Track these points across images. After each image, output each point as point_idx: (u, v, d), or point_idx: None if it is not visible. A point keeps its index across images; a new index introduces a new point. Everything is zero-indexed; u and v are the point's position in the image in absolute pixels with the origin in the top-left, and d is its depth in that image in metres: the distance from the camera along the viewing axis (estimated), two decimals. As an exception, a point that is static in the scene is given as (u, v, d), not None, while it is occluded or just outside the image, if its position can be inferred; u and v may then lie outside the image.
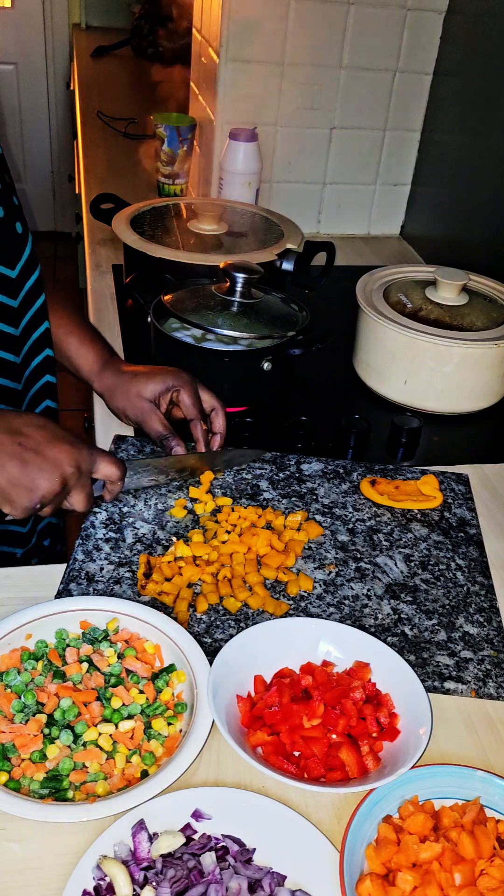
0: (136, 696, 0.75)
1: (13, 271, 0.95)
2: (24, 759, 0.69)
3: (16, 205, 0.97)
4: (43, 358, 1.04)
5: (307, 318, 1.20)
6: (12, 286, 0.96)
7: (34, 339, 1.02)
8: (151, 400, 1.01)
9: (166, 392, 1.02)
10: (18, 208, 0.98)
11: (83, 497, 0.86)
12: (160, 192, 1.89)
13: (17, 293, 0.96)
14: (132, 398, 1.02)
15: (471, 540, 0.99)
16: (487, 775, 0.70)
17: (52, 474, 0.81)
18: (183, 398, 1.01)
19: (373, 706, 0.74)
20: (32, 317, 1.00)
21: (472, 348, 1.17)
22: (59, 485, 0.81)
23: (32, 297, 1.00)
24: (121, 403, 1.03)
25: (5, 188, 0.94)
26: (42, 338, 1.03)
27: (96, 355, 1.07)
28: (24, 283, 0.98)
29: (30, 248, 0.99)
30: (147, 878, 0.62)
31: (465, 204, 1.61)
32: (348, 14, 1.60)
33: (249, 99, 1.65)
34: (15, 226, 0.96)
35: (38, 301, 1.01)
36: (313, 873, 0.63)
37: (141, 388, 1.01)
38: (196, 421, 1.02)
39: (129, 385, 1.02)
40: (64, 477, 0.82)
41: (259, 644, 0.79)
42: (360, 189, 1.83)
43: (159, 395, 1.02)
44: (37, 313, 1.01)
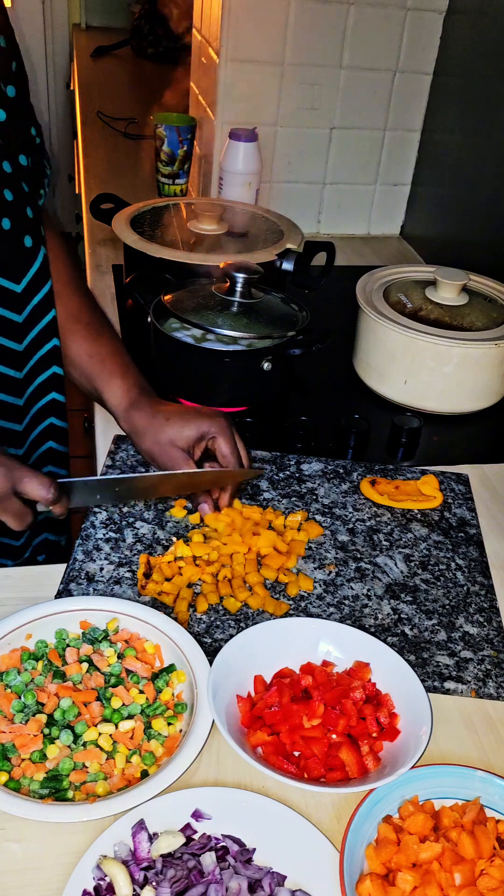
0: (136, 696, 0.75)
1: (18, 286, 0.93)
2: (24, 759, 0.69)
3: (29, 217, 0.93)
4: (50, 375, 1.01)
5: (307, 318, 1.20)
6: (17, 301, 0.93)
7: (40, 355, 0.99)
8: (185, 449, 0.94)
9: (201, 440, 0.95)
10: (32, 221, 0.93)
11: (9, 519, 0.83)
12: (160, 192, 1.89)
13: (22, 308, 0.94)
14: (164, 445, 0.94)
15: (471, 540, 0.99)
16: (487, 775, 0.70)
17: None
18: (220, 447, 0.94)
19: (373, 706, 0.74)
20: (39, 333, 0.97)
21: (472, 348, 1.17)
22: None
23: (40, 313, 0.97)
24: (150, 448, 0.96)
25: (17, 200, 0.90)
26: (50, 355, 0.99)
27: (125, 391, 0.98)
28: (30, 298, 0.95)
29: (39, 264, 0.95)
30: (147, 878, 0.62)
31: (465, 204, 1.61)
32: (348, 14, 1.60)
33: (249, 99, 1.65)
34: (23, 239, 0.92)
35: (47, 318, 0.98)
36: (313, 873, 0.63)
37: (174, 435, 0.94)
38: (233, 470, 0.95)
39: (160, 430, 0.95)
40: None
41: (259, 644, 0.79)
42: (360, 189, 1.83)
43: (193, 444, 0.95)
44: (44, 330, 0.98)
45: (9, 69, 0.90)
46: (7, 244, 0.90)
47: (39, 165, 0.98)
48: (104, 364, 1.01)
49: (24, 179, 0.92)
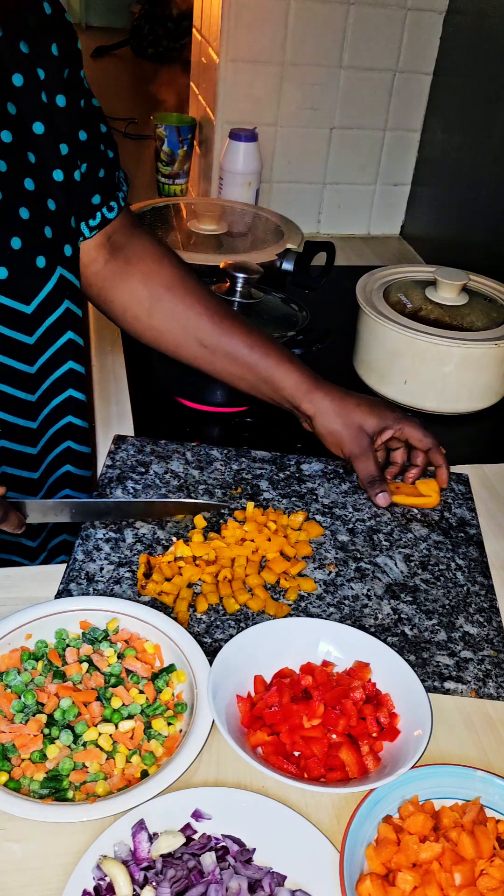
0: (136, 696, 0.75)
1: (28, 307, 0.90)
2: (24, 759, 0.69)
3: (47, 238, 0.90)
4: (66, 398, 0.99)
5: (307, 318, 1.20)
6: (26, 322, 0.90)
7: (54, 378, 0.97)
8: (371, 435, 1.00)
9: (387, 429, 1.00)
10: (49, 242, 0.90)
11: None
12: (160, 192, 1.89)
13: (32, 330, 0.91)
14: (353, 429, 0.99)
15: (471, 540, 0.99)
16: (487, 775, 0.70)
17: None
18: (412, 432, 1.00)
19: (373, 706, 0.74)
20: (52, 356, 0.95)
21: (472, 348, 1.17)
22: None
23: (53, 335, 0.94)
24: (338, 432, 1.00)
25: (33, 218, 0.87)
26: (65, 378, 0.98)
27: (301, 374, 1.02)
28: (42, 320, 0.92)
29: (53, 286, 0.92)
30: (147, 878, 0.62)
31: (465, 204, 1.61)
32: (348, 14, 1.60)
33: (249, 99, 1.65)
34: (36, 260, 0.89)
35: (61, 340, 0.96)
36: (313, 873, 0.63)
37: (364, 419, 0.99)
38: (434, 448, 1.01)
39: (351, 414, 1.00)
40: None
41: (259, 644, 0.79)
42: (360, 189, 1.83)
43: (380, 432, 1.00)
44: (58, 352, 0.96)
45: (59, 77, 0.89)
46: (17, 264, 0.87)
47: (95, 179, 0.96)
48: (269, 353, 1.02)
49: (51, 196, 0.89)
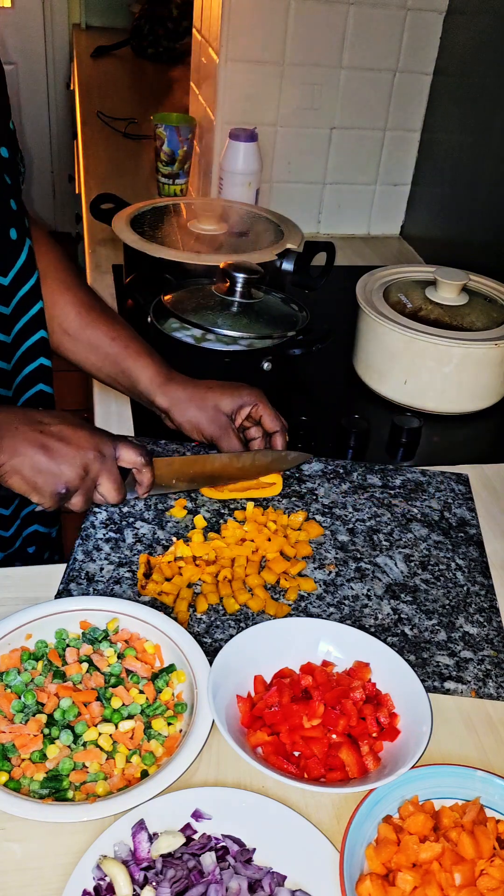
0: (136, 696, 0.75)
1: (5, 279, 0.93)
2: (24, 759, 0.69)
3: (13, 210, 0.94)
4: (37, 366, 1.02)
5: (307, 318, 1.20)
6: (4, 294, 0.94)
7: (26, 347, 1.00)
8: (229, 415, 1.00)
9: (244, 407, 1.01)
10: (16, 213, 0.95)
11: (110, 484, 0.86)
12: (160, 192, 1.89)
13: (9, 301, 0.95)
14: (209, 411, 1.00)
15: (471, 540, 0.99)
16: (487, 775, 0.70)
17: (75, 458, 0.82)
18: (264, 411, 1.01)
19: (373, 706, 0.74)
20: (25, 325, 0.98)
21: (472, 348, 1.17)
22: (83, 469, 0.83)
23: (26, 305, 0.98)
24: (195, 417, 1.00)
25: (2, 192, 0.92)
26: (36, 346, 1.01)
27: (157, 368, 1.03)
28: (16, 291, 0.96)
29: (25, 256, 0.96)
30: (147, 878, 0.62)
31: (465, 204, 1.61)
32: (348, 14, 1.60)
33: (249, 99, 1.65)
34: (8, 232, 0.93)
35: (33, 310, 0.99)
36: (313, 873, 0.63)
37: (219, 401, 1.00)
38: (280, 432, 1.02)
39: (205, 398, 1.00)
40: (86, 461, 0.83)
41: (259, 644, 0.79)
42: (360, 189, 1.83)
43: (237, 410, 1.01)
44: (31, 322, 0.99)
45: None
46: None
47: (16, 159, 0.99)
48: (128, 346, 1.04)
49: (5, 171, 0.93)
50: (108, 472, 0.86)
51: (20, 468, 0.81)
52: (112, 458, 0.87)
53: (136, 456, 0.89)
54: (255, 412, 1.01)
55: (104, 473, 0.86)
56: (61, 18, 3.77)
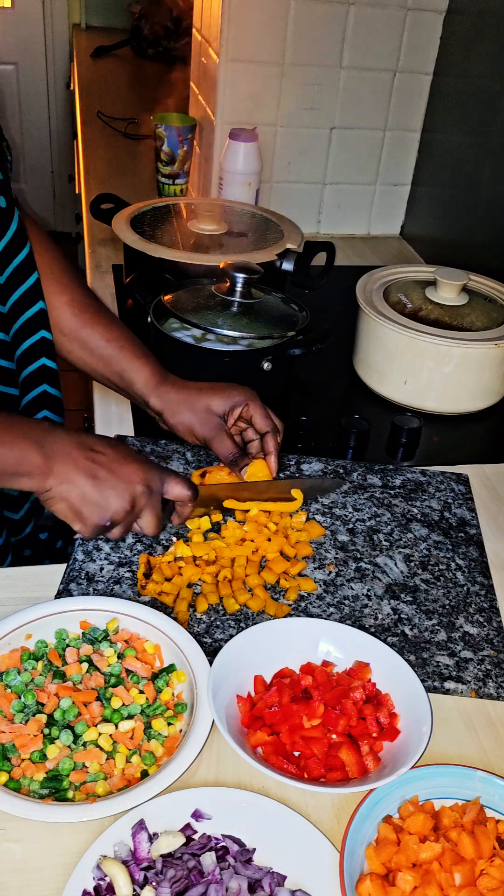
0: (136, 696, 0.75)
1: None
2: (24, 759, 0.69)
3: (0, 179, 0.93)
4: (38, 339, 1.01)
5: (307, 318, 1.20)
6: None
7: (25, 318, 0.99)
8: (221, 416, 0.99)
9: (235, 408, 1.00)
10: (3, 183, 0.94)
11: (152, 518, 0.86)
12: (160, 192, 1.89)
13: (1, 270, 0.94)
14: (200, 413, 0.99)
15: (471, 540, 0.99)
16: (487, 775, 0.70)
17: (124, 492, 0.82)
18: (255, 411, 1.00)
19: (373, 706, 0.74)
20: (22, 296, 0.97)
21: (472, 348, 1.17)
22: (130, 503, 0.82)
23: (22, 275, 0.97)
24: (187, 419, 1.00)
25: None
26: (36, 318, 1.00)
27: (152, 370, 1.02)
28: (10, 259, 0.94)
29: (16, 225, 0.95)
30: (147, 878, 0.62)
31: (465, 204, 1.61)
32: (348, 14, 1.60)
33: (249, 99, 1.65)
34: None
35: (30, 280, 0.98)
36: (313, 873, 0.63)
37: (210, 402, 0.99)
38: (271, 433, 1.00)
39: (197, 400, 0.99)
40: (134, 496, 0.82)
41: (259, 644, 0.79)
42: (360, 189, 1.83)
43: (229, 411, 1.00)
44: (27, 293, 0.98)
45: None
46: None
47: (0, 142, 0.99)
48: (124, 347, 1.03)
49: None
50: (152, 507, 0.85)
51: (68, 495, 0.80)
52: (159, 494, 0.86)
53: (184, 490, 0.88)
54: (245, 412, 1.00)
55: (148, 508, 0.85)
56: (61, 18, 3.77)
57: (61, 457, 0.80)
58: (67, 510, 0.81)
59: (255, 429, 1.01)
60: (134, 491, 0.83)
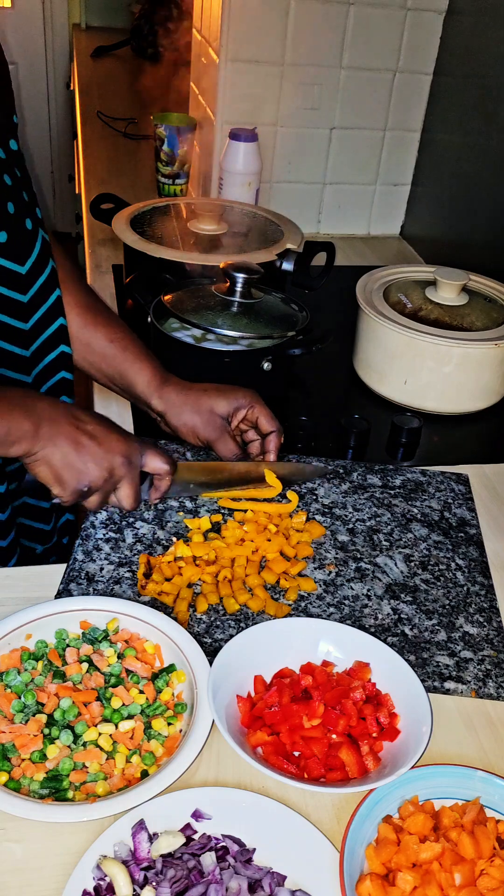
0: (136, 696, 0.75)
1: (23, 267, 0.94)
2: (24, 759, 0.69)
3: (25, 200, 0.95)
4: (58, 354, 1.02)
5: (307, 318, 1.20)
6: (22, 282, 0.95)
7: (47, 335, 1.00)
8: (224, 417, 1.00)
9: (239, 410, 1.00)
10: (30, 204, 0.96)
11: (130, 490, 0.88)
12: (160, 192, 1.89)
13: (27, 289, 0.96)
14: (204, 414, 1.00)
15: (471, 540, 0.99)
16: (487, 775, 0.70)
17: (103, 460, 0.84)
18: (260, 412, 1.01)
19: (373, 706, 0.74)
20: (45, 313, 0.99)
21: (472, 348, 1.17)
22: (108, 472, 0.84)
23: (44, 293, 0.98)
24: (191, 420, 1.00)
25: (16, 183, 0.93)
26: (56, 334, 1.01)
27: (154, 371, 1.03)
28: (34, 279, 0.96)
29: (40, 244, 0.97)
30: (147, 878, 0.62)
31: (465, 204, 1.61)
32: (348, 14, 1.60)
33: (249, 99, 1.65)
34: (25, 222, 0.94)
35: (52, 297, 0.99)
36: (313, 873, 0.63)
37: (214, 404, 1.00)
38: (276, 433, 1.01)
39: (200, 401, 1.00)
40: (113, 465, 0.85)
41: (259, 644, 0.79)
42: (360, 189, 1.83)
43: (233, 413, 1.00)
44: (50, 309, 0.99)
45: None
46: (12, 227, 0.92)
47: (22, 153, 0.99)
48: (127, 348, 1.04)
49: (15, 164, 0.94)
50: (130, 479, 0.87)
51: (50, 458, 0.83)
52: (137, 467, 0.88)
53: (162, 464, 0.91)
54: (251, 414, 1.01)
55: (126, 479, 0.87)
56: (61, 18, 3.77)
57: (48, 422, 0.83)
58: (49, 473, 0.83)
59: (259, 430, 1.02)
60: (113, 460, 0.85)
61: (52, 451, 0.82)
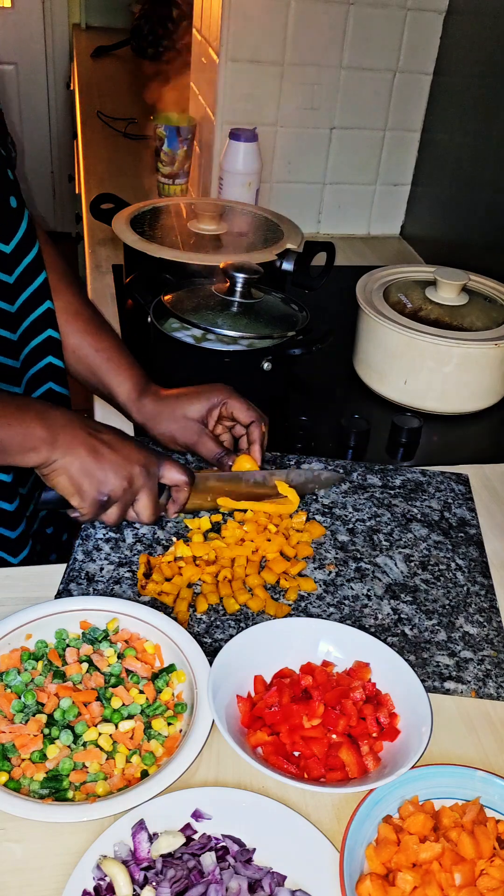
0: (136, 696, 0.75)
1: (7, 247, 0.93)
2: (24, 759, 0.69)
3: (11, 179, 0.94)
4: (45, 338, 1.02)
5: (307, 318, 1.20)
6: (7, 262, 0.94)
7: (34, 317, 0.99)
8: (200, 420, 1.00)
9: (213, 408, 1.00)
10: (13, 183, 0.95)
11: (149, 501, 0.86)
12: (160, 192, 1.89)
13: (12, 269, 0.95)
14: (180, 421, 1.00)
15: (471, 540, 0.99)
16: (487, 775, 0.70)
17: (122, 469, 0.83)
18: (234, 406, 1.00)
19: (373, 706, 0.74)
20: (32, 295, 0.98)
21: (472, 348, 1.17)
22: (128, 481, 0.84)
23: (31, 274, 0.97)
24: (167, 429, 1.00)
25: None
26: (43, 317, 1.01)
27: (134, 383, 1.03)
28: (20, 259, 0.95)
29: (26, 225, 0.96)
30: (147, 878, 0.62)
31: (465, 204, 1.61)
32: (348, 14, 1.60)
33: (249, 99, 1.65)
34: (9, 200, 0.93)
35: (38, 279, 0.99)
36: (313, 873, 0.63)
37: (187, 409, 1.00)
38: (256, 422, 1.00)
39: (174, 409, 1.00)
40: (132, 474, 0.84)
41: (259, 644, 0.79)
42: (360, 189, 1.83)
43: (207, 414, 1.00)
44: (36, 292, 0.99)
45: None
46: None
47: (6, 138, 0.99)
48: (111, 359, 1.04)
49: None
50: (148, 490, 0.86)
51: (69, 468, 0.82)
52: (156, 477, 0.87)
53: (180, 475, 0.89)
54: (224, 410, 1.00)
55: (145, 490, 0.86)
56: (61, 18, 3.77)
57: (64, 430, 0.82)
58: (68, 483, 0.82)
59: (240, 422, 1.01)
60: (132, 470, 0.84)
61: (70, 460, 0.81)
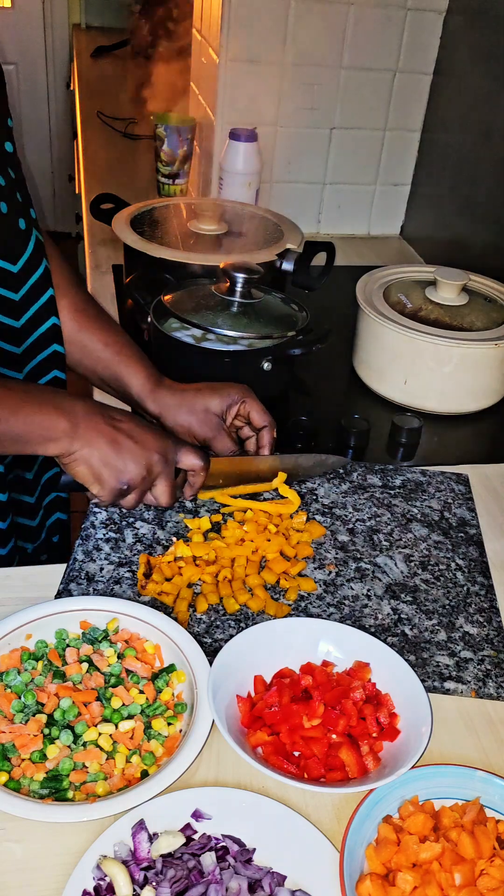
0: (136, 696, 0.75)
1: (15, 266, 0.95)
2: (24, 759, 0.69)
3: (20, 201, 0.96)
4: (51, 353, 1.03)
5: (307, 318, 1.20)
6: (14, 281, 0.96)
7: (39, 333, 1.01)
8: (219, 415, 1.01)
9: (233, 405, 1.01)
10: (24, 205, 0.97)
11: (166, 487, 0.89)
12: (160, 192, 1.89)
13: (19, 288, 0.96)
14: (200, 413, 1.01)
15: (471, 540, 0.99)
16: (487, 775, 0.70)
17: (141, 458, 0.86)
18: (252, 406, 1.01)
19: (373, 706, 0.74)
20: (37, 311, 1.00)
21: (472, 348, 1.17)
22: (146, 469, 0.86)
23: (37, 292, 0.99)
24: (186, 420, 1.01)
25: (10, 184, 0.94)
26: (49, 333, 1.02)
27: (148, 374, 1.03)
28: (27, 278, 0.97)
29: (34, 244, 0.98)
30: (147, 878, 0.62)
31: (465, 204, 1.61)
32: (348, 14, 1.60)
33: (249, 99, 1.65)
34: (18, 222, 0.95)
35: (45, 296, 1.00)
36: (313, 873, 0.63)
37: (208, 403, 1.01)
38: (268, 427, 1.02)
39: (194, 401, 1.01)
40: (150, 462, 0.86)
41: (259, 644, 0.79)
42: (360, 189, 1.83)
43: (227, 410, 1.01)
44: (42, 308, 1.00)
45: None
46: (4, 227, 0.93)
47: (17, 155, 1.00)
48: (121, 352, 1.05)
49: (9, 165, 0.95)
50: (166, 476, 0.89)
51: (89, 458, 0.84)
52: (173, 463, 0.90)
53: (196, 460, 0.92)
54: (243, 409, 1.02)
55: (163, 476, 0.88)
56: (61, 18, 3.77)
57: (85, 420, 0.84)
58: (88, 472, 0.85)
59: (251, 425, 1.03)
60: (150, 458, 0.86)
61: (90, 451, 0.84)
